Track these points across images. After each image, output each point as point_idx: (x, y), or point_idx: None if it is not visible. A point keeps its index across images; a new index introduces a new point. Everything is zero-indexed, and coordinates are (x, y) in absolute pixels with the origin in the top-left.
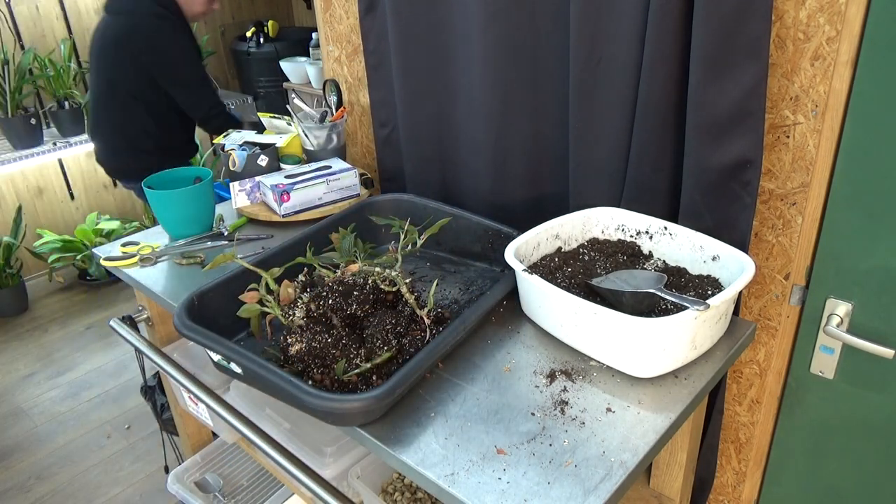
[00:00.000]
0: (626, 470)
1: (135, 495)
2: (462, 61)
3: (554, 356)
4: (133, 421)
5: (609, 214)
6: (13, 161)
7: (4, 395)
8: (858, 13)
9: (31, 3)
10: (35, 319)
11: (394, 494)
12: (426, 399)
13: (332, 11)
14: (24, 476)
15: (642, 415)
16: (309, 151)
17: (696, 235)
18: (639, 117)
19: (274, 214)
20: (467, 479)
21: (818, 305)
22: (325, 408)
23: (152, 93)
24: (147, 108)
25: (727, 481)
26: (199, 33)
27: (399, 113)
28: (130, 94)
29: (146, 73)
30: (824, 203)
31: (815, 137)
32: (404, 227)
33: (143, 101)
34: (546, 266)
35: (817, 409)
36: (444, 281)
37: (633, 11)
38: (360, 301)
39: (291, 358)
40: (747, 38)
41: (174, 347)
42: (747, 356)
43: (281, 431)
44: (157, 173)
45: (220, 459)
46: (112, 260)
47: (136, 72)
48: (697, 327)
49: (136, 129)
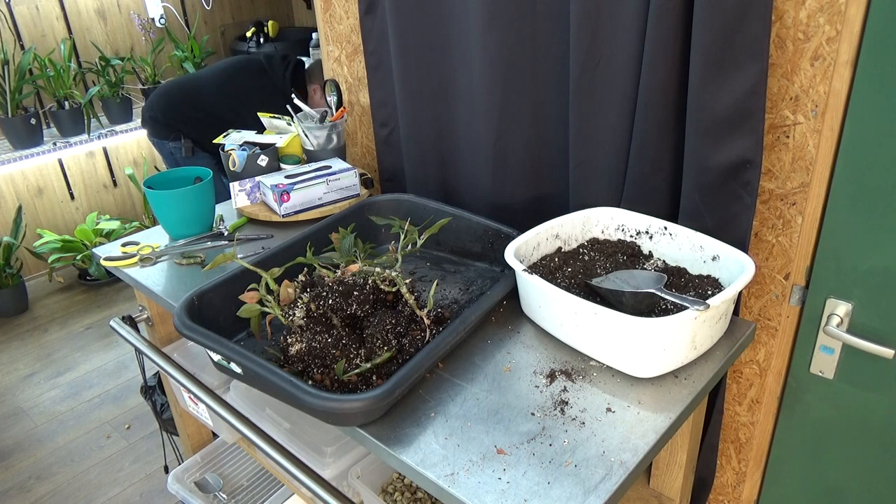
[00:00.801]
0: (626, 470)
1: (135, 495)
2: (462, 61)
3: (554, 356)
4: (133, 421)
5: (609, 214)
6: (13, 161)
7: (4, 395)
8: (858, 13)
9: (31, 3)
10: (35, 319)
11: (394, 494)
12: (426, 399)
13: (332, 11)
14: (24, 476)
15: (642, 415)
16: (309, 151)
17: (696, 235)
18: (639, 117)
19: (274, 214)
20: (467, 479)
21: (818, 305)
22: (325, 408)
23: None
24: None
25: (727, 481)
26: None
27: (399, 113)
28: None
29: None
30: (824, 203)
31: (815, 137)
32: (404, 227)
33: None
34: (546, 266)
35: (817, 408)
36: (444, 281)
37: (634, 11)
38: (360, 301)
39: (291, 358)
40: (747, 38)
41: (174, 347)
42: (747, 356)
43: (281, 431)
44: (158, 173)
45: (220, 459)
46: (112, 260)
47: None
48: (697, 327)
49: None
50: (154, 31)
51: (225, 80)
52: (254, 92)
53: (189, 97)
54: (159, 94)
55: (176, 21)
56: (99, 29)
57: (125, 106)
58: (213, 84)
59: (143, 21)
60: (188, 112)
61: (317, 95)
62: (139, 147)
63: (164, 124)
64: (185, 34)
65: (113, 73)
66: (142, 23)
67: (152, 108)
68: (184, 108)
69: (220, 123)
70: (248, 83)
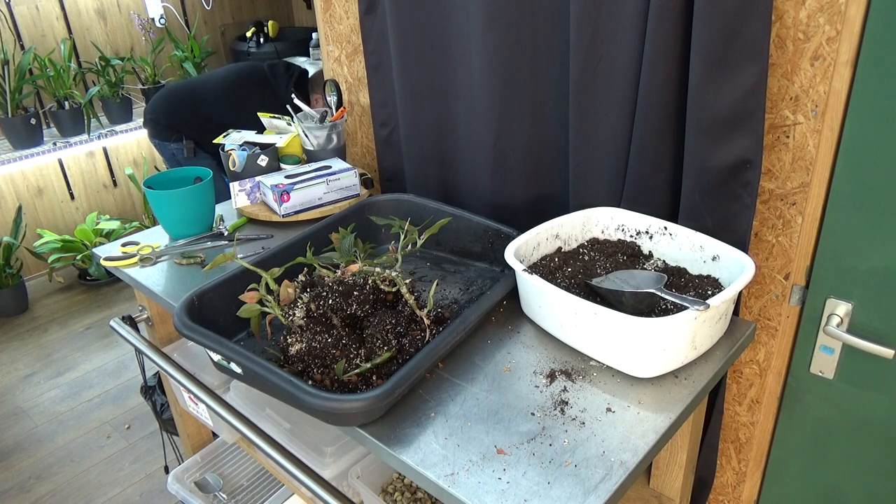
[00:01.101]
0: (626, 470)
1: (135, 495)
2: (462, 61)
3: (554, 356)
4: (133, 421)
5: (609, 214)
6: (13, 161)
7: (4, 395)
8: (858, 13)
9: (31, 3)
10: (35, 319)
11: (394, 494)
12: (426, 399)
13: (332, 11)
14: (24, 476)
15: (642, 415)
16: (309, 151)
17: (696, 235)
18: (639, 117)
19: (274, 214)
20: (467, 479)
21: (818, 305)
22: (325, 408)
23: None
24: None
25: (727, 481)
26: (199, 33)
27: (399, 113)
28: None
29: None
30: (824, 203)
31: (815, 137)
32: (404, 227)
33: None
34: (546, 266)
35: (817, 408)
36: (444, 281)
37: (634, 11)
38: (360, 301)
39: (291, 358)
40: (747, 38)
41: (174, 347)
42: (747, 356)
43: (281, 431)
44: (158, 173)
45: (220, 459)
46: (112, 260)
47: None
48: (697, 327)
49: None
50: (154, 31)
51: (227, 88)
52: (256, 101)
53: (191, 101)
54: (162, 97)
55: (176, 21)
56: (99, 29)
57: (125, 106)
58: (215, 90)
59: (143, 21)
60: (190, 115)
61: (319, 105)
62: (139, 147)
63: (166, 126)
64: (185, 34)
65: (113, 73)
66: (142, 23)
67: (154, 110)
68: (186, 111)
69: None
70: (251, 92)
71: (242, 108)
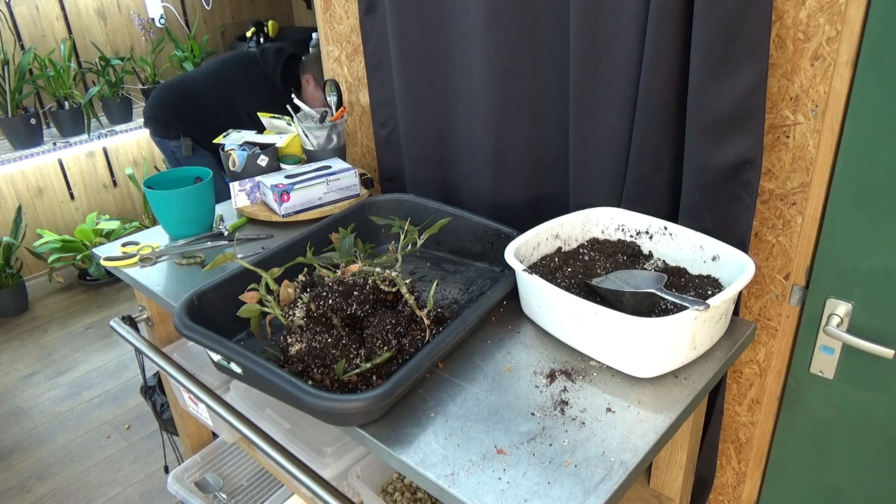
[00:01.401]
0: (626, 470)
1: (135, 495)
2: (462, 61)
3: (554, 356)
4: (133, 421)
5: (609, 214)
6: (13, 161)
7: (4, 395)
8: (858, 13)
9: (31, 3)
10: (35, 319)
11: (394, 494)
12: (426, 399)
13: (332, 11)
14: (24, 476)
15: (642, 415)
16: (309, 151)
17: (696, 235)
18: (639, 117)
19: (274, 214)
20: (467, 480)
21: (818, 305)
22: (325, 408)
23: None
24: None
25: (727, 481)
26: (199, 33)
27: (399, 113)
28: None
29: None
30: (824, 203)
31: (815, 137)
32: (404, 227)
33: None
34: (546, 266)
35: (817, 408)
36: (444, 281)
37: (634, 11)
38: (360, 301)
39: (291, 358)
40: (747, 38)
41: (174, 347)
42: (747, 356)
43: (281, 431)
44: (158, 173)
45: (220, 459)
46: (112, 260)
47: None
48: (697, 327)
49: None
50: (154, 31)
51: (217, 74)
52: (244, 83)
53: (185, 94)
54: (156, 94)
55: (176, 21)
56: (99, 29)
57: (125, 106)
58: (206, 79)
59: (143, 21)
60: (185, 109)
61: (310, 86)
62: (139, 147)
63: (164, 123)
64: (185, 34)
65: (113, 73)
66: (142, 23)
67: (152, 107)
68: (180, 105)
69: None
70: (240, 75)
71: (232, 91)
